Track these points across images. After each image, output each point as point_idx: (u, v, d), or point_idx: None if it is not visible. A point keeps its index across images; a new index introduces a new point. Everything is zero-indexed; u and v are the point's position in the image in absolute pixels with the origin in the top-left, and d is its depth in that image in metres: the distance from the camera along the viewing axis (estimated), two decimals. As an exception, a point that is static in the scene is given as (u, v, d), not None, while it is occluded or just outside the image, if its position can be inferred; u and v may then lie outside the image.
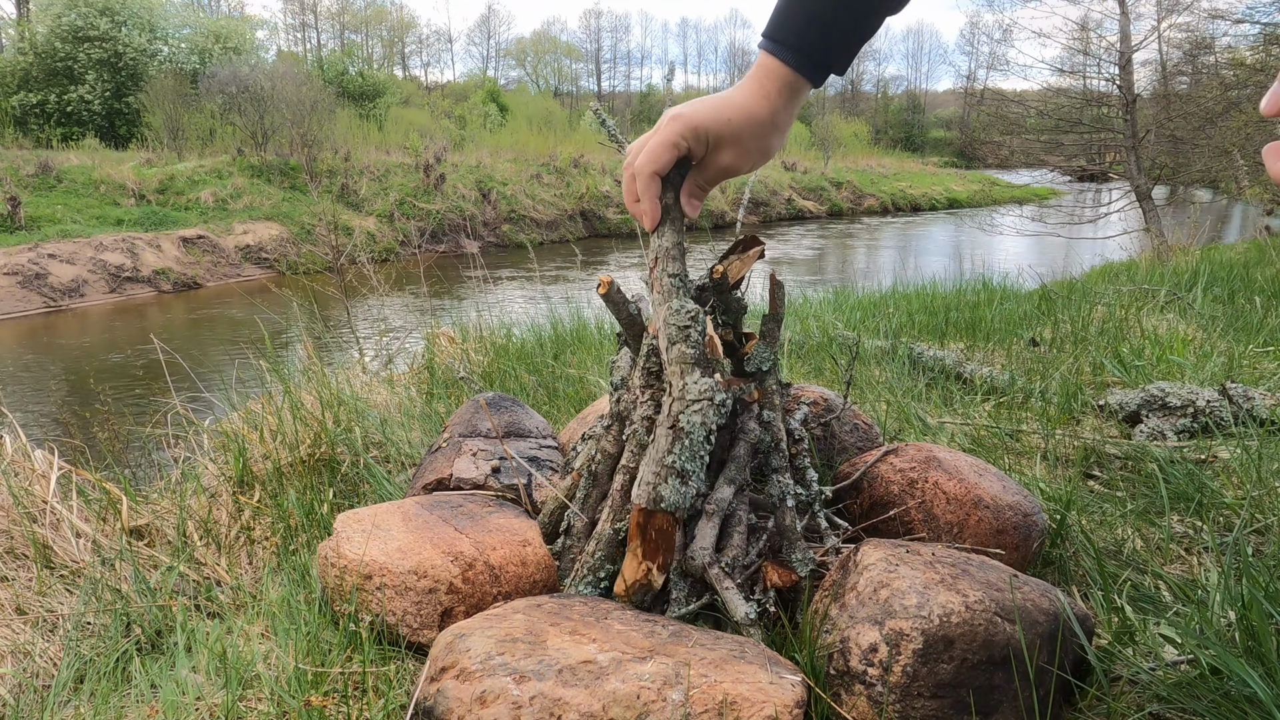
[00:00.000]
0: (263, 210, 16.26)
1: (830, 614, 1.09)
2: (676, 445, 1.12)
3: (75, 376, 8.06)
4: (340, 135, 21.08)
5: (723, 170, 1.08)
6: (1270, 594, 1.06)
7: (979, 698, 0.99)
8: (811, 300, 4.72)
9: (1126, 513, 1.60)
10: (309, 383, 2.46)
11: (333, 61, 34.29)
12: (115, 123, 22.73)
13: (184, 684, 1.16)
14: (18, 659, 1.35)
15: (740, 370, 1.35)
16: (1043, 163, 13.68)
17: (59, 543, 1.65)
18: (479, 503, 1.44)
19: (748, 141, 1.05)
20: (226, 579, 1.61)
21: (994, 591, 1.03)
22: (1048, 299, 4.12)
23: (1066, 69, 12.34)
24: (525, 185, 20.58)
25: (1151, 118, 11.35)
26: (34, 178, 15.08)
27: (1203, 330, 3.24)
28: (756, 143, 1.05)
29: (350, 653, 1.20)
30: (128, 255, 13.29)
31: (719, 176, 1.09)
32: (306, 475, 1.95)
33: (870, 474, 1.48)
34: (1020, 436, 2.05)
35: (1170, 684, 1.03)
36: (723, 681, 0.94)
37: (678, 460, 1.12)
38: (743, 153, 1.06)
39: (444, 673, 0.98)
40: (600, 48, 60.57)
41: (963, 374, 2.64)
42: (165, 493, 2.03)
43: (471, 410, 1.80)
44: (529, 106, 36.92)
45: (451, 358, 3.06)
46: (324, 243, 5.90)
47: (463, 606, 1.22)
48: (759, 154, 1.06)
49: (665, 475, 1.12)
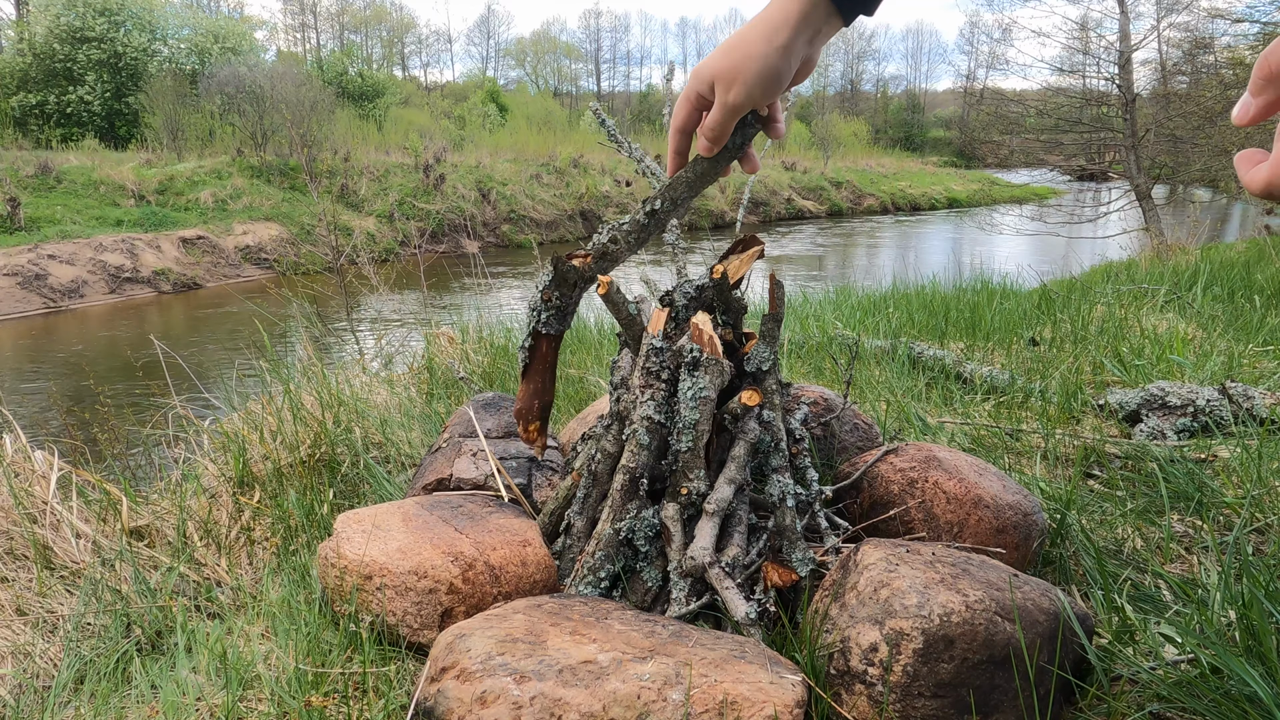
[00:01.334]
0: (262, 211, 16.25)
1: (830, 614, 1.09)
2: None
3: (75, 377, 8.06)
4: (340, 136, 21.07)
5: (730, 107, 1.03)
6: (1270, 593, 1.06)
7: (979, 697, 0.99)
8: (811, 300, 4.72)
9: (1126, 512, 1.60)
10: (309, 383, 2.46)
11: (332, 62, 34.28)
12: (115, 123, 22.73)
13: (184, 684, 1.16)
14: (18, 660, 1.35)
15: (740, 370, 1.35)
16: (1042, 162, 13.68)
17: (59, 543, 1.65)
18: (479, 503, 1.44)
19: (748, 75, 1.00)
20: (227, 579, 1.61)
21: (994, 591, 1.03)
22: (1047, 298, 4.12)
23: (1066, 68, 12.35)
24: (525, 185, 20.58)
25: (1151, 117, 11.35)
26: (34, 178, 15.07)
27: (1202, 329, 3.24)
28: (759, 76, 0.99)
29: (350, 653, 1.20)
30: (127, 256, 13.29)
31: (728, 115, 1.04)
32: (306, 476, 1.95)
33: (870, 474, 1.48)
34: (1020, 436, 2.05)
35: (1170, 683, 1.03)
36: (723, 681, 0.94)
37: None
38: (745, 86, 1.00)
39: (444, 673, 0.98)
40: (600, 48, 60.60)
41: (963, 374, 2.64)
42: (165, 493, 2.02)
43: (471, 410, 1.79)
44: (529, 106, 36.92)
45: (451, 358, 3.06)
46: (324, 243, 5.90)
47: (463, 607, 1.22)
48: (759, 86, 1.00)
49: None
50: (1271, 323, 3.21)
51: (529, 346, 1.34)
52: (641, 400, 1.25)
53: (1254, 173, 0.60)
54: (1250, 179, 0.61)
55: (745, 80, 1.00)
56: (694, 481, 1.25)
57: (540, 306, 1.31)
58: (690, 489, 1.25)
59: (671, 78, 1.67)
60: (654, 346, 1.24)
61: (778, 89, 1.01)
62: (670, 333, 1.29)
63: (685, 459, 1.24)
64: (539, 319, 1.32)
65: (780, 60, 0.98)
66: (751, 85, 1.00)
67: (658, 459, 1.28)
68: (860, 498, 1.48)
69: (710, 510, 1.23)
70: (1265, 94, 0.59)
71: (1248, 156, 0.62)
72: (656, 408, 1.25)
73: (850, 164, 31.60)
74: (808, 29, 0.98)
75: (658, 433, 1.26)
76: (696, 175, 1.14)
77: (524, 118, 32.72)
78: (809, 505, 1.38)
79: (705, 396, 1.22)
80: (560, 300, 1.30)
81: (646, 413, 1.24)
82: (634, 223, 1.20)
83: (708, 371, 1.22)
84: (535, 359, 1.36)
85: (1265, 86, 0.59)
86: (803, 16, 0.97)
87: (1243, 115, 0.61)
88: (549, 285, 1.29)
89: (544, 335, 1.33)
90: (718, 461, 1.31)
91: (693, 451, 1.24)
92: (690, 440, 1.23)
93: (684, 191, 1.16)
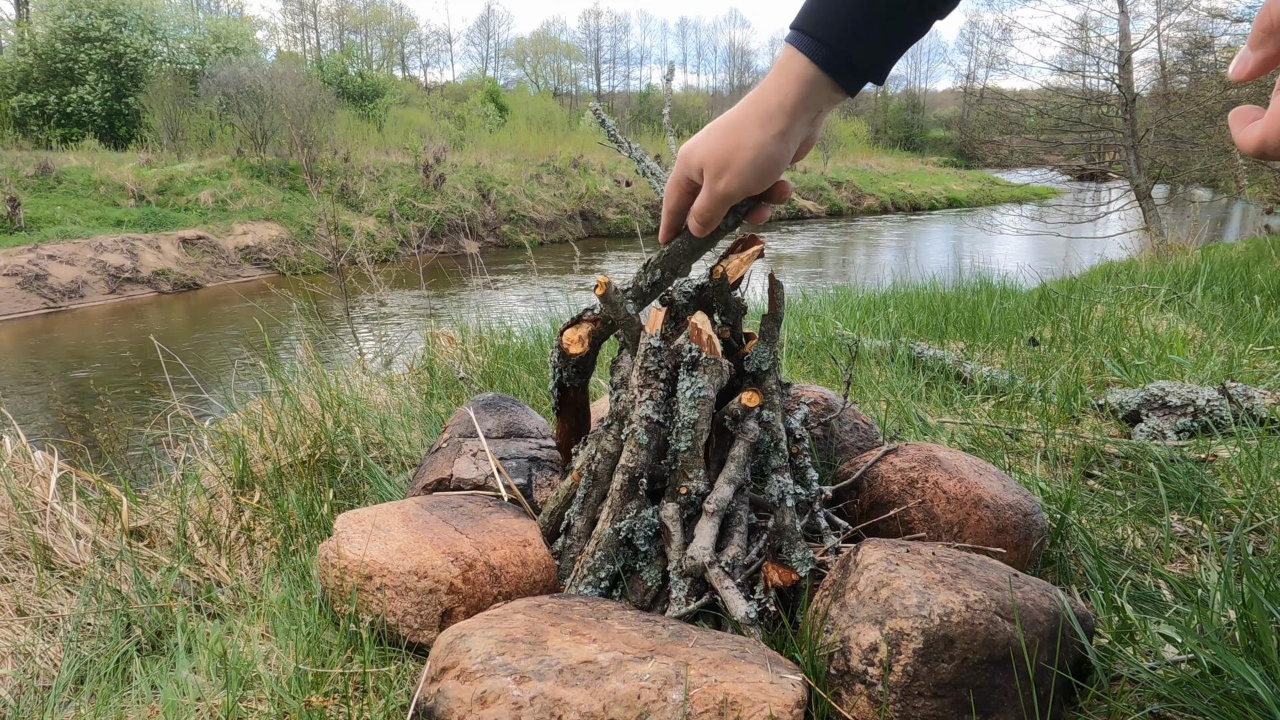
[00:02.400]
0: (262, 211, 16.25)
1: (830, 613, 1.09)
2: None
3: (75, 377, 8.06)
4: (340, 136, 21.08)
5: (720, 196, 0.95)
6: (1270, 593, 1.06)
7: (979, 697, 0.99)
8: (811, 300, 4.72)
9: (1126, 512, 1.60)
10: (309, 383, 2.46)
11: (332, 62, 34.29)
12: (115, 123, 22.74)
13: (184, 685, 1.16)
14: (18, 660, 1.35)
15: (740, 370, 1.35)
16: (1042, 162, 13.67)
17: (59, 544, 1.65)
18: (479, 503, 1.44)
19: (741, 165, 0.91)
20: (227, 580, 1.61)
21: (994, 591, 1.03)
22: (1047, 298, 4.13)
23: (1066, 68, 12.35)
24: (524, 185, 20.58)
25: (1151, 117, 11.35)
26: (34, 179, 15.07)
27: (1202, 329, 3.24)
28: (752, 165, 0.91)
29: (351, 653, 1.20)
30: (127, 256, 13.29)
31: (717, 203, 0.96)
32: (306, 476, 1.95)
33: (870, 473, 1.48)
34: (1020, 436, 2.05)
35: (1171, 683, 1.03)
36: (723, 681, 0.94)
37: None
38: (737, 176, 0.92)
39: (444, 673, 0.99)
40: (600, 48, 60.59)
41: (963, 374, 2.64)
42: (165, 493, 2.03)
43: (471, 410, 1.79)
44: (528, 106, 36.90)
45: (451, 358, 3.06)
46: (324, 243, 5.90)
47: (463, 607, 1.22)
48: (753, 175, 0.91)
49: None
50: (1271, 323, 3.21)
51: (558, 396, 1.44)
52: (640, 400, 1.25)
53: (1248, 130, 0.57)
54: (1244, 137, 0.57)
55: (738, 169, 0.91)
56: (693, 481, 1.25)
57: (559, 364, 1.39)
58: (690, 489, 1.25)
59: (671, 77, 1.66)
60: (652, 346, 1.24)
61: (773, 176, 0.93)
62: (668, 332, 1.29)
63: (684, 459, 1.24)
64: (562, 375, 1.40)
65: (776, 147, 0.89)
66: (745, 175, 0.91)
67: (657, 459, 1.28)
68: (860, 498, 1.48)
69: (710, 510, 1.23)
70: (1265, 47, 0.56)
71: (1242, 114, 0.58)
72: (655, 407, 1.25)
73: (850, 164, 31.60)
74: (807, 112, 0.88)
75: (657, 433, 1.26)
76: (691, 248, 1.13)
77: (524, 118, 32.70)
78: (809, 505, 1.38)
79: (704, 396, 1.22)
80: (576, 363, 1.39)
81: (645, 412, 1.24)
82: (637, 289, 1.24)
83: (706, 371, 1.22)
84: (565, 403, 1.46)
85: (1265, 39, 0.56)
86: (801, 99, 0.87)
87: (1240, 70, 0.57)
88: (560, 358, 1.39)
89: (569, 387, 1.43)
90: (717, 461, 1.31)
91: (692, 451, 1.24)
92: (689, 440, 1.23)
93: (682, 262, 1.18)
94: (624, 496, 1.26)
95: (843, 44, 0.82)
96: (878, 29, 0.82)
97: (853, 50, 0.83)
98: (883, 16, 0.81)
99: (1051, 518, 1.49)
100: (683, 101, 48.87)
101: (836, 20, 0.82)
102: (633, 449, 1.26)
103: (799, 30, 0.85)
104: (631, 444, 1.26)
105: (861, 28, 0.82)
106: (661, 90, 31.18)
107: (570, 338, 1.38)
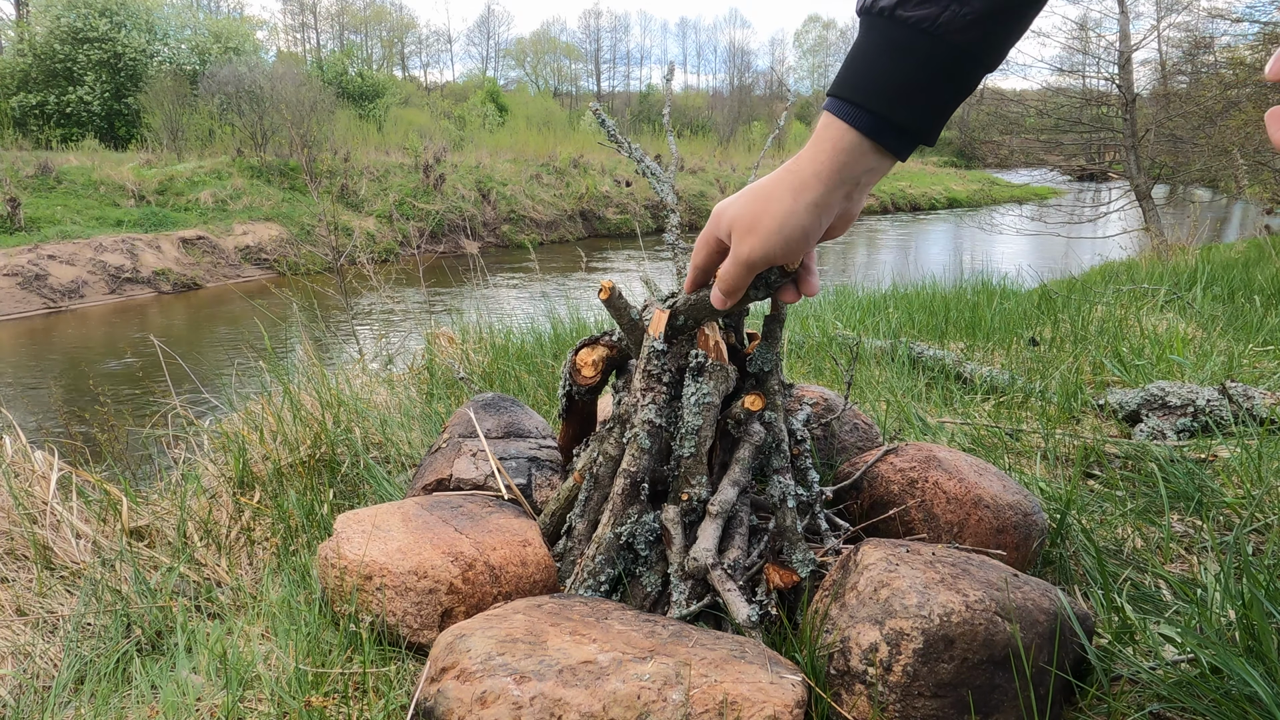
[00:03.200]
0: (262, 211, 16.25)
1: (830, 614, 1.09)
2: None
3: (75, 377, 8.06)
4: (340, 136, 21.07)
5: (745, 262, 0.90)
6: (1270, 593, 1.06)
7: (979, 697, 0.99)
8: (811, 300, 4.72)
9: (1126, 512, 1.60)
10: (309, 383, 2.46)
11: (332, 62, 34.29)
12: (115, 124, 22.73)
13: (184, 685, 1.16)
14: (18, 660, 1.35)
15: (743, 371, 1.35)
16: (1042, 162, 13.67)
17: (59, 544, 1.65)
18: (479, 503, 1.44)
19: (768, 231, 0.86)
20: (227, 580, 1.61)
21: (994, 591, 1.03)
22: (1047, 298, 4.12)
23: (1066, 68, 12.34)
24: (525, 185, 20.58)
25: (1151, 117, 11.35)
26: (33, 179, 15.07)
27: (1202, 329, 3.25)
28: (779, 234, 0.85)
29: (350, 653, 1.20)
30: (127, 256, 13.28)
31: (741, 268, 0.91)
32: (306, 476, 1.95)
33: (870, 474, 1.48)
34: (1020, 436, 2.05)
35: (1170, 683, 1.03)
36: (723, 681, 0.94)
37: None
38: (763, 243, 0.87)
39: (444, 673, 0.99)
40: (600, 48, 60.59)
41: (963, 374, 2.64)
42: (165, 494, 2.03)
43: (471, 410, 1.79)
44: (528, 107, 36.92)
45: (451, 358, 3.06)
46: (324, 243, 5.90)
47: (463, 607, 1.22)
48: (780, 245, 0.86)
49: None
50: (1271, 323, 3.21)
51: (565, 405, 1.46)
52: (643, 404, 1.25)
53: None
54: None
55: (764, 236, 0.86)
56: (696, 488, 1.25)
57: (570, 379, 1.42)
58: (692, 494, 1.25)
59: (671, 77, 1.66)
60: (655, 349, 1.24)
61: (803, 249, 0.87)
62: (671, 335, 1.29)
63: (687, 465, 1.24)
64: (571, 388, 1.43)
65: (808, 219, 0.83)
66: (771, 241, 0.86)
67: (659, 462, 1.28)
68: (860, 498, 1.48)
69: (714, 512, 1.23)
70: None
71: (1278, 113, 0.58)
72: (658, 411, 1.25)
73: (850, 164, 31.51)
74: (844, 183, 0.81)
75: (659, 436, 1.26)
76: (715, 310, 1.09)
77: (524, 118, 32.72)
78: (810, 506, 1.38)
79: (709, 402, 1.22)
80: (588, 390, 1.43)
81: (647, 416, 1.24)
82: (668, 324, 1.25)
83: (712, 377, 1.22)
84: (573, 411, 1.48)
85: None
86: (837, 170, 0.81)
87: (1276, 70, 0.57)
88: (571, 371, 1.42)
89: (578, 399, 1.45)
90: (720, 463, 1.31)
91: (695, 457, 1.24)
92: (693, 446, 1.23)
93: (707, 317, 1.19)
94: (625, 501, 1.26)
95: (886, 108, 0.77)
96: (924, 92, 0.77)
97: (899, 114, 0.78)
98: (930, 81, 0.76)
99: (1051, 518, 1.49)
100: (683, 101, 48.89)
101: (879, 85, 0.77)
102: (635, 453, 1.25)
103: (837, 98, 0.80)
104: (634, 448, 1.26)
105: (911, 92, 0.77)
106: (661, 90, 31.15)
107: (584, 359, 1.40)
